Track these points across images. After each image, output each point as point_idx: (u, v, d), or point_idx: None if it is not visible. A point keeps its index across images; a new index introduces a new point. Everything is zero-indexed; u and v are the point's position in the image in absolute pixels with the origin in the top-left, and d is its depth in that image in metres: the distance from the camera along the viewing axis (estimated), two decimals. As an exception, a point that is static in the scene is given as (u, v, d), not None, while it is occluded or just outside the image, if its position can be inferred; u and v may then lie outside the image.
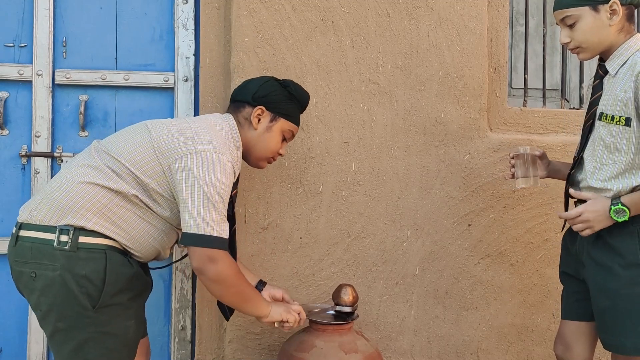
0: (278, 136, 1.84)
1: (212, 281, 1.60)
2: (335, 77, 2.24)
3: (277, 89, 1.83)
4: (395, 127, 2.28)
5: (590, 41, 1.73)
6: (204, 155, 1.61)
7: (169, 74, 2.33)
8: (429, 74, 2.30)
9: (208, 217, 1.58)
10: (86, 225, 1.57)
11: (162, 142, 1.64)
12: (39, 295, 1.56)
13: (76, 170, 1.64)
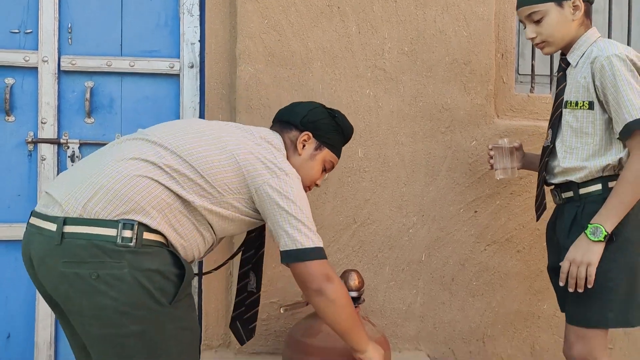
0: (319, 166, 1.75)
1: (331, 301, 1.53)
2: (341, 63, 2.23)
3: (326, 117, 1.76)
4: (401, 114, 2.27)
5: (556, 36, 1.81)
6: (293, 178, 1.58)
7: (175, 60, 2.32)
8: (435, 60, 2.28)
9: (313, 227, 1.55)
10: (150, 224, 1.42)
11: (248, 164, 1.54)
12: (104, 298, 1.35)
13: (132, 163, 1.46)
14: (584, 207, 1.78)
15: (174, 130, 1.57)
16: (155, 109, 2.34)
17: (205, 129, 1.59)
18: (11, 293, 2.27)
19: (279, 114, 1.81)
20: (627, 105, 1.68)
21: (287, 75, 2.21)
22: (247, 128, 1.67)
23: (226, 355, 2.19)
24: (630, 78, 1.69)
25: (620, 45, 1.76)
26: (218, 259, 2.11)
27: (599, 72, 1.73)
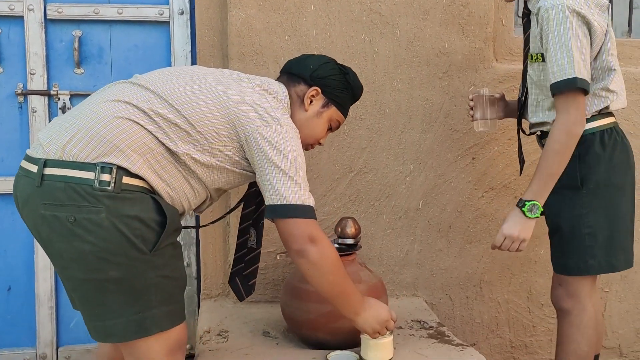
0: (325, 124, 1.66)
1: (313, 264, 1.44)
2: (335, 6, 2.16)
3: (337, 73, 1.66)
4: (397, 59, 2.22)
5: None
6: (288, 130, 1.48)
7: (164, 7, 2.25)
8: (432, 2, 2.21)
9: (304, 184, 1.46)
10: (130, 167, 1.35)
11: (239, 110, 1.46)
12: (82, 243, 1.32)
13: (116, 105, 1.40)
14: None
15: (165, 75, 1.51)
16: (146, 58, 2.28)
17: (198, 75, 1.52)
18: (9, 246, 2.27)
19: (287, 66, 1.71)
20: (553, 64, 1.64)
21: (279, 21, 2.14)
22: (246, 76, 1.59)
23: (225, 304, 2.21)
24: (562, 33, 1.61)
25: None
26: (214, 213, 2.10)
27: (540, 24, 1.68)
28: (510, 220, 1.72)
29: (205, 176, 1.50)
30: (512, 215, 1.72)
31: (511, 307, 2.38)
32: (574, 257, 1.75)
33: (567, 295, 1.80)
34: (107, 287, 1.35)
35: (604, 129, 1.73)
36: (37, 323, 2.28)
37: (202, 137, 1.44)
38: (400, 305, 2.18)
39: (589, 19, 1.64)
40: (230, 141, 1.48)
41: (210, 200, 1.62)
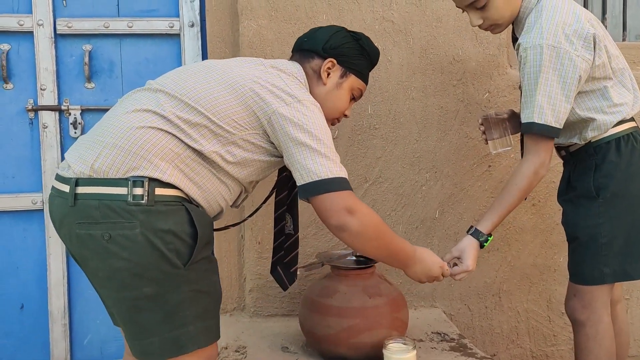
0: (347, 94, 1.62)
1: (355, 236, 1.40)
2: (347, 15, 2.14)
3: (350, 41, 1.61)
4: (411, 67, 2.19)
5: (505, 15, 1.70)
6: (307, 105, 1.43)
7: (174, 19, 2.24)
8: (445, 9, 2.19)
9: (333, 156, 1.41)
10: (162, 177, 1.33)
11: (254, 94, 1.41)
12: (116, 260, 1.29)
13: (136, 116, 1.37)
14: (575, 164, 1.75)
15: (177, 75, 1.47)
16: (157, 71, 2.26)
17: (209, 68, 1.48)
18: (22, 263, 2.25)
19: (297, 43, 1.66)
20: (523, 104, 1.63)
21: (291, 31, 2.12)
22: (258, 60, 1.54)
23: (241, 318, 2.18)
24: (534, 76, 1.59)
25: (552, 20, 1.59)
26: (229, 220, 2.07)
27: (518, 60, 1.66)
28: (473, 255, 1.70)
29: (237, 171, 1.46)
30: (473, 249, 1.70)
31: (531, 317, 2.34)
32: (589, 267, 1.72)
33: (582, 306, 1.75)
34: (141, 305, 1.32)
35: (621, 136, 1.69)
36: (51, 340, 2.25)
37: (224, 131, 1.40)
38: (419, 317, 2.15)
39: (571, 55, 1.58)
40: (252, 128, 1.43)
41: (245, 193, 1.58)
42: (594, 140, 1.70)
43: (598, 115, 1.67)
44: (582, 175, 1.72)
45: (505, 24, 1.74)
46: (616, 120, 1.67)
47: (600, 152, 1.69)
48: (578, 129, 1.71)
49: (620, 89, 1.70)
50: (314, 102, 1.47)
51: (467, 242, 1.71)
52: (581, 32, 1.60)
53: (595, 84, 1.67)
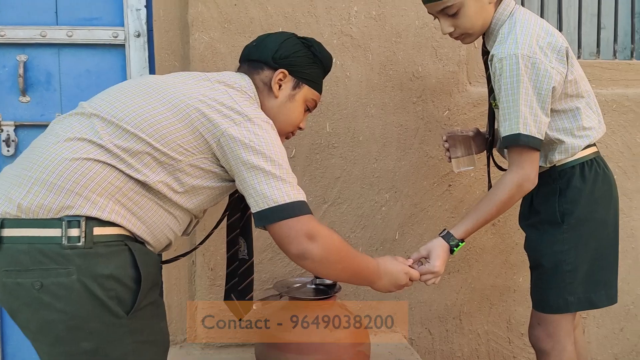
0: (301, 106, 1.52)
1: (318, 262, 1.31)
2: (304, 29, 2.05)
3: (301, 49, 1.50)
4: (370, 83, 2.12)
5: (476, 25, 1.64)
6: (259, 123, 1.31)
7: (118, 28, 2.08)
8: (405, 24, 2.13)
9: (290, 178, 1.30)
10: (100, 215, 1.18)
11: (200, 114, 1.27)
12: (50, 312, 1.15)
13: (70, 145, 1.21)
14: (538, 187, 1.68)
15: (113, 94, 1.31)
16: (99, 83, 2.10)
17: (148, 86, 1.33)
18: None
19: (245, 52, 1.55)
20: (503, 117, 1.56)
21: (244, 44, 2.00)
22: (203, 74, 1.41)
23: (192, 350, 2.04)
24: (514, 86, 1.53)
25: (525, 30, 1.56)
26: (178, 248, 1.94)
27: (493, 73, 1.60)
28: (442, 258, 1.63)
29: (186, 201, 1.32)
30: (442, 251, 1.63)
31: (491, 339, 2.30)
32: (553, 295, 1.68)
33: (547, 335, 1.71)
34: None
35: (584, 161, 1.66)
36: (-21, 379, 2.05)
37: (169, 158, 1.26)
38: (380, 343, 2.07)
39: (546, 67, 1.55)
40: (200, 152, 1.29)
41: (195, 220, 1.45)
42: (558, 164, 1.66)
43: (567, 137, 1.64)
44: (546, 200, 1.68)
45: (476, 34, 1.68)
46: (584, 144, 1.65)
47: (564, 177, 1.65)
48: (544, 151, 1.67)
49: (588, 112, 1.68)
50: (266, 120, 1.35)
51: (436, 242, 1.63)
52: (555, 45, 1.58)
53: (568, 103, 1.64)
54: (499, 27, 1.65)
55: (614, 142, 2.36)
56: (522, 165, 1.58)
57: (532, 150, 1.57)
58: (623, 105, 2.35)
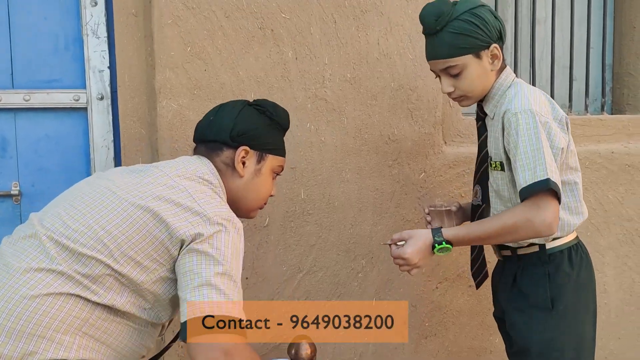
0: (269, 177, 1.47)
1: None
2: (277, 94, 1.97)
3: (256, 117, 1.44)
4: (345, 148, 2.06)
5: (477, 89, 1.63)
6: (219, 229, 1.21)
7: (80, 91, 1.96)
8: (380, 87, 2.08)
9: (235, 296, 1.20)
10: (68, 356, 1.10)
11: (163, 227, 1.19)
12: None
13: (26, 278, 1.12)
14: (523, 268, 1.66)
15: (65, 206, 1.22)
16: (59, 149, 1.98)
17: (102, 191, 1.24)
18: None
19: (199, 132, 1.47)
20: (524, 168, 1.48)
21: (216, 111, 1.92)
22: (160, 169, 1.31)
23: None
24: (533, 137, 1.48)
25: (534, 94, 1.57)
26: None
27: (506, 129, 1.56)
28: (417, 246, 1.55)
29: (156, 315, 1.25)
30: (421, 242, 1.56)
31: (469, 401, 2.28)
32: None
33: None
34: None
35: (571, 246, 1.64)
36: None
37: (133, 278, 1.17)
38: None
39: (556, 129, 1.54)
40: (162, 264, 1.20)
41: (167, 321, 1.36)
42: (549, 248, 1.62)
43: (565, 213, 1.61)
44: (534, 284, 1.64)
45: (474, 97, 1.66)
46: (578, 223, 1.63)
47: (554, 261, 1.62)
48: None
49: (580, 192, 1.66)
50: (227, 218, 1.25)
51: (420, 231, 1.57)
52: (556, 114, 1.59)
53: (568, 175, 1.62)
54: (502, 91, 1.64)
55: (587, 199, 2.36)
56: (540, 205, 1.45)
57: (554, 198, 1.45)
58: (595, 162, 2.36)
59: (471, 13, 1.56)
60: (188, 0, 1.87)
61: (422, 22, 1.62)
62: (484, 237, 1.54)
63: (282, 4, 1.95)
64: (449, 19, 1.56)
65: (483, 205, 1.77)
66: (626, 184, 2.41)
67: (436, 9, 1.58)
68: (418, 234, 1.57)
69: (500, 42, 1.62)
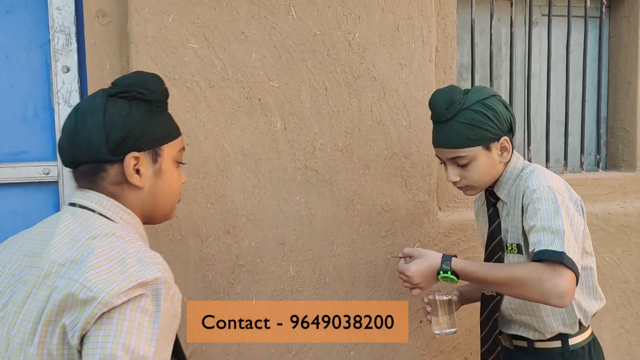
0: (173, 170, 1.21)
1: None
2: (265, 166, 1.85)
3: (128, 109, 1.12)
4: (337, 220, 1.94)
5: (483, 180, 1.57)
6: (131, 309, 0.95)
7: (50, 164, 1.82)
8: (373, 155, 1.97)
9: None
10: None
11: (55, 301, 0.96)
12: None
13: None
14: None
15: None
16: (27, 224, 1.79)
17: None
18: None
19: (65, 157, 1.15)
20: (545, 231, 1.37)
21: (200, 186, 1.80)
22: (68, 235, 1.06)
23: None
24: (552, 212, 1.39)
25: (550, 173, 1.52)
26: None
27: (526, 205, 1.48)
28: (422, 267, 1.48)
29: None
30: (427, 264, 1.48)
31: None
32: None
33: None
34: None
35: (590, 341, 1.58)
36: None
37: None
38: None
39: (574, 210, 1.45)
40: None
41: None
42: (572, 344, 1.54)
43: (586, 299, 1.55)
44: None
45: (480, 187, 1.58)
46: (599, 308, 1.57)
47: (576, 358, 1.53)
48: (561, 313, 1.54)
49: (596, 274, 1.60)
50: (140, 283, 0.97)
51: (430, 253, 1.50)
52: (572, 196, 1.52)
53: (585, 259, 1.54)
54: (515, 174, 1.57)
55: (584, 262, 2.29)
56: (555, 269, 1.31)
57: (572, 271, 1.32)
58: (592, 224, 2.29)
59: (483, 104, 1.49)
60: (169, 71, 1.73)
61: (432, 109, 1.54)
62: (490, 280, 1.41)
63: (270, 71, 1.83)
64: (460, 107, 1.50)
65: (498, 297, 1.65)
66: (622, 245, 2.35)
67: (448, 96, 1.51)
68: (427, 255, 1.50)
69: (511, 134, 1.55)
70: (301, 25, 1.85)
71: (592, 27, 2.49)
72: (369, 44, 1.93)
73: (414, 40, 1.98)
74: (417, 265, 1.48)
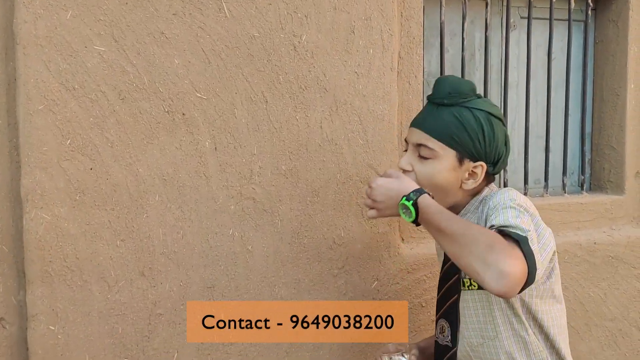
0: None
1: None
2: (191, 194, 1.54)
3: None
4: (279, 257, 1.64)
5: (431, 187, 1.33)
6: None
7: None
8: (323, 180, 1.67)
9: None
10: None
11: None
12: None
13: None
14: None
15: None
16: None
17: None
18: None
19: None
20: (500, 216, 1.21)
21: (106, 220, 1.47)
22: None
23: None
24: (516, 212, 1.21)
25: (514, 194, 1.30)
26: None
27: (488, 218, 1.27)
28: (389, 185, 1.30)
29: None
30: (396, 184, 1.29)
31: None
32: None
33: None
34: None
35: None
36: None
37: None
38: None
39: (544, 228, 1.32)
40: None
41: None
42: None
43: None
44: None
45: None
46: None
47: None
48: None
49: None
50: None
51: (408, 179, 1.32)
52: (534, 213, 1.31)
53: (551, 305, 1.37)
54: (479, 201, 1.38)
55: (566, 299, 2.00)
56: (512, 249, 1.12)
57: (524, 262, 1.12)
58: (575, 255, 2.03)
59: (487, 117, 1.34)
60: (68, 80, 1.41)
61: (435, 87, 1.38)
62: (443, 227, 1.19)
63: (196, 80, 1.52)
64: (463, 102, 1.34)
65: (454, 349, 1.41)
66: (609, 278, 2.09)
67: (457, 84, 1.36)
68: (403, 178, 1.32)
69: (491, 167, 1.36)
70: (236, 25, 1.54)
71: (576, 32, 2.23)
72: (319, 49, 1.62)
73: (373, 44, 1.68)
74: (387, 181, 1.31)
